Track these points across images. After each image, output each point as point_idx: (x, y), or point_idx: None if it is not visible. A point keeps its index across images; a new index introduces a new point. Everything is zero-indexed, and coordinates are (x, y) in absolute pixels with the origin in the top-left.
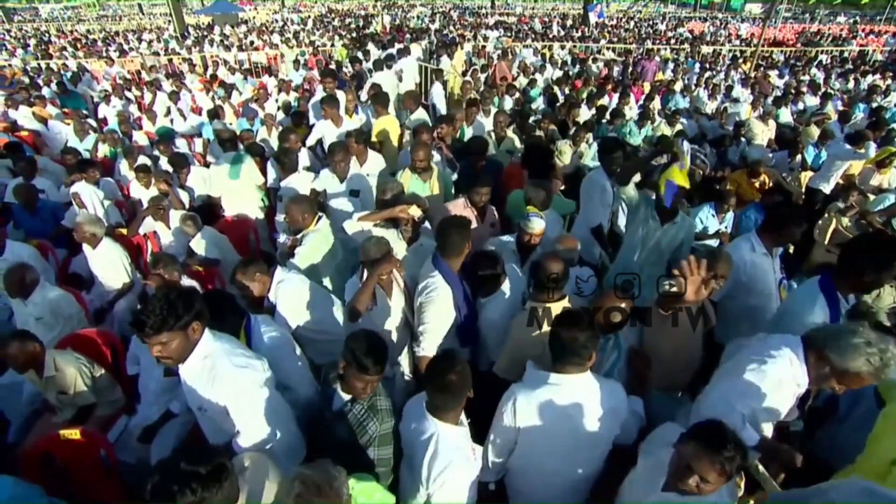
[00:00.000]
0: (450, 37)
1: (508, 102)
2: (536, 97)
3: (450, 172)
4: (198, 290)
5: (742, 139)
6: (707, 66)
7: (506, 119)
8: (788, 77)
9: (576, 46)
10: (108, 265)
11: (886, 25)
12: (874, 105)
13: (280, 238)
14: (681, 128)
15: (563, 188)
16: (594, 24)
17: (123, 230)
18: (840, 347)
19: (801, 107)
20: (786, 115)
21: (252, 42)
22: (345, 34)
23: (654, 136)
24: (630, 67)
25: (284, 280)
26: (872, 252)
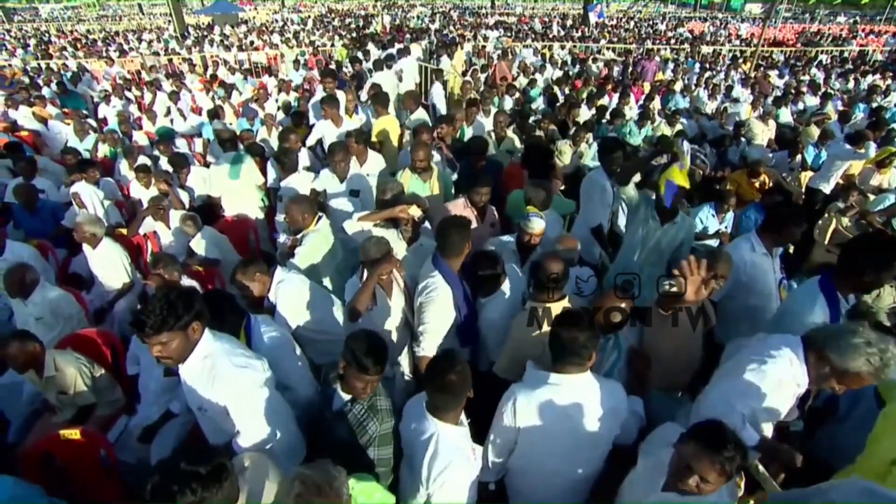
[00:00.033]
0: (450, 37)
1: (508, 102)
2: (536, 97)
3: (450, 172)
4: (198, 290)
5: (742, 139)
6: (707, 66)
7: (506, 119)
8: (788, 77)
9: (576, 46)
10: (108, 265)
11: (886, 25)
12: (874, 105)
13: (280, 238)
14: (681, 128)
15: (563, 188)
16: (594, 24)
17: (123, 230)
18: (840, 347)
19: (801, 107)
20: (786, 115)
21: (252, 42)
22: (345, 34)
23: (654, 136)
24: (630, 67)
25: (284, 280)
26: (872, 252)
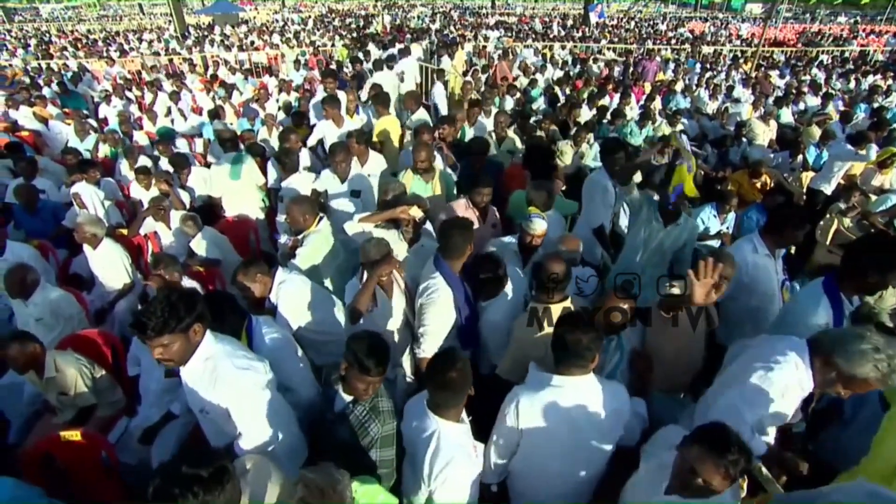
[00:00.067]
0: (450, 37)
1: (509, 103)
2: (537, 97)
3: (450, 173)
4: (199, 292)
5: (743, 139)
6: (708, 67)
7: (506, 119)
8: (789, 77)
9: (576, 46)
10: (109, 266)
11: (887, 25)
12: (875, 105)
13: (281, 239)
14: (682, 128)
15: (564, 189)
16: (595, 24)
17: (124, 230)
18: (848, 353)
19: (802, 107)
20: (787, 116)
21: (252, 42)
22: (345, 34)
23: (655, 137)
24: (631, 68)
25: (286, 281)
26: (877, 253)
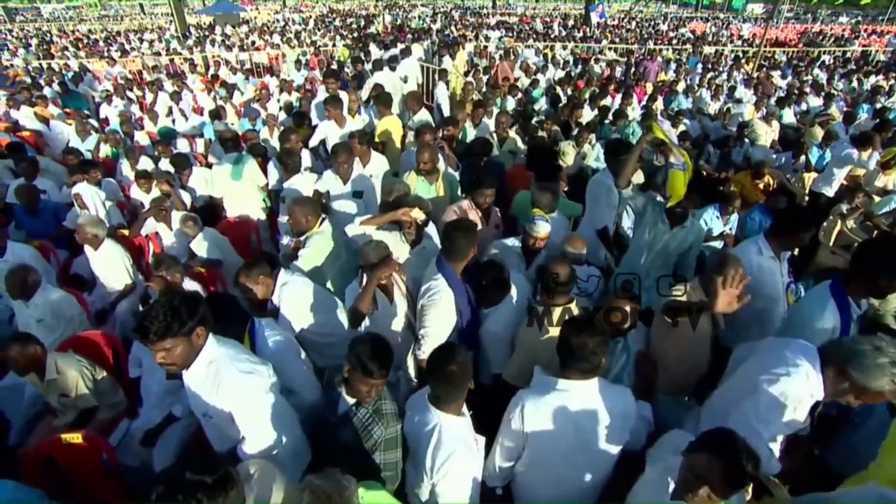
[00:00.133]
0: (451, 37)
1: (511, 103)
2: (539, 98)
3: (453, 174)
4: (202, 295)
5: (746, 140)
6: (709, 67)
7: (508, 120)
8: (791, 78)
9: (578, 47)
10: (110, 266)
11: (889, 26)
12: (878, 106)
13: (283, 240)
14: (684, 128)
15: (567, 189)
16: (596, 24)
17: (125, 231)
18: (864, 366)
19: (805, 107)
20: (789, 116)
21: (253, 42)
22: (346, 34)
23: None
24: (632, 68)
25: (288, 283)
26: (885, 256)
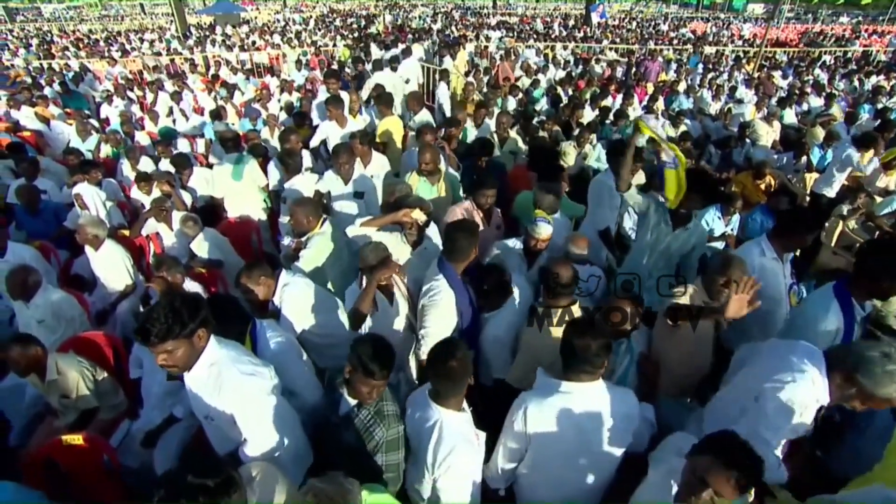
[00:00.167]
0: (452, 37)
1: (511, 103)
2: (540, 98)
3: (455, 175)
4: (203, 297)
5: (747, 140)
6: (710, 67)
7: (509, 120)
8: (792, 78)
9: (578, 47)
10: (111, 267)
11: (889, 26)
12: (879, 106)
13: (284, 241)
14: (685, 129)
15: (568, 190)
16: (596, 25)
17: (126, 231)
18: (873, 373)
19: (806, 108)
20: (790, 116)
21: (254, 42)
22: (347, 34)
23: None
24: (633, 68)
25: (290, 284)
26: (889, 258)
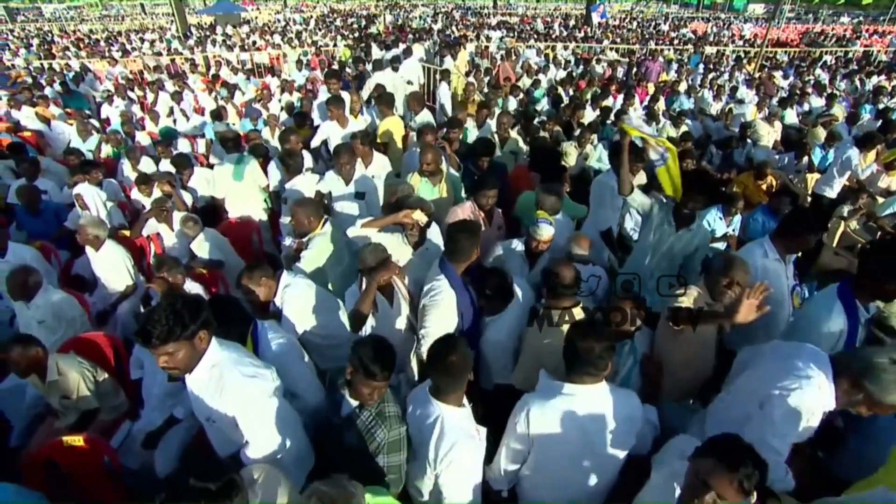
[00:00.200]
0: (453, 37)
1: (512, 103)
2: (540, 98)
3: (456, 175)
4: (204, 298)
5: (748, 141)
6: (711, 67)
7: (509, 120)
8: (793, 78)
9: (579, 47)
10: (111, 267)
11: (890, 26)
12: (881, 106)
13: (285, 241)
14: (686, 129)
15: (569, 190)
16: (597, 25)
17: (126, 232)
18: (881, 381)
19: (807, 108)
20: (791, 117)
21: (254, 42)
22: (347, 34)
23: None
24: (634, 68)
25: (291, 284)
26: (891, 259)
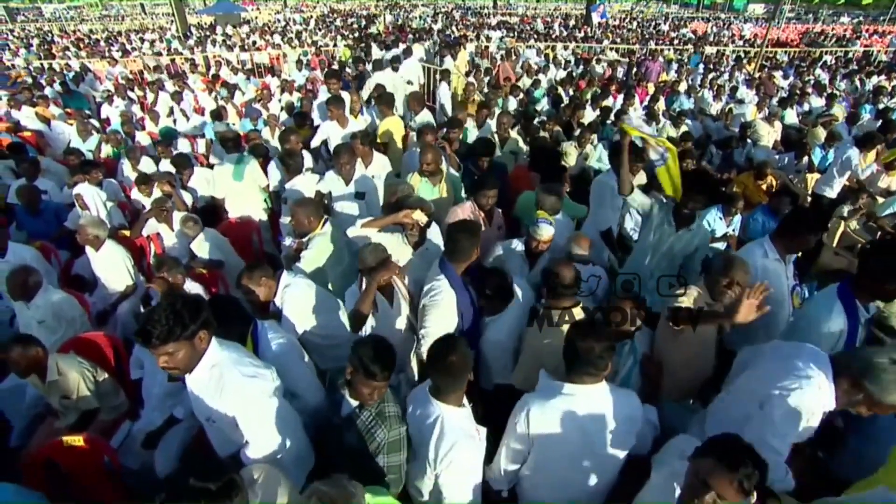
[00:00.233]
0: (453, 37)
1: (512, 103)
2: (540, 98)
3: (456, 175)
4: (204, 298)
5: (748, 141)
6: (711, 67)
7: (509, 120)
8: (793, 78)
9: (579, 47)
10: (111, 267)
11: (890, 26)
12: (881, 106)
13: (286, 241)
14: (686, 129)
15: (569, 190)
16: (597, 25)
17: (126, 232)
18: (882, 381)
19: (807, 108)
20: (791, 117)
21: (254, 42)
22: (347, 34)
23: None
24: (634, 68)
25: (291, 284)
26: (891, 259)
